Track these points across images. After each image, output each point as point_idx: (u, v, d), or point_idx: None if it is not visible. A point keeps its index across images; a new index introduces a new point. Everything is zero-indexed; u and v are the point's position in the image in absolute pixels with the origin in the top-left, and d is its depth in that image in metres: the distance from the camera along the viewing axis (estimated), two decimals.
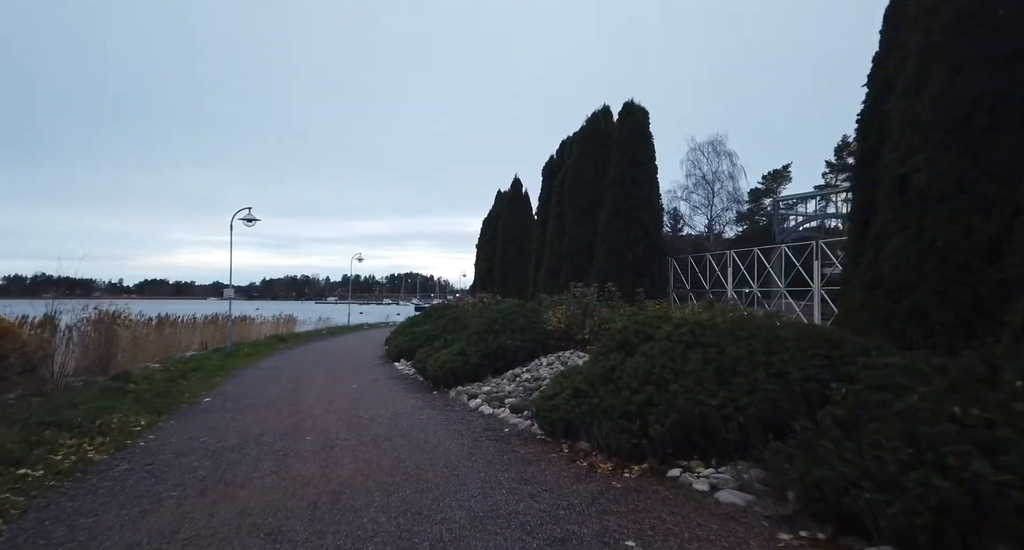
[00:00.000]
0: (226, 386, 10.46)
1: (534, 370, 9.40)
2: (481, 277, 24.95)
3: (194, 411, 7.91)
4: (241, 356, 16.19)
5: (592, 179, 14.04)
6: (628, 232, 12.78)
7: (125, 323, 14.48)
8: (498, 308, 10.95)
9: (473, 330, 10.76)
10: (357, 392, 9.70)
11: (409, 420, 7.19)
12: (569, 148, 14.98)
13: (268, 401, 8.79)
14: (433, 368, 10.12)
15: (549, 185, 16.04)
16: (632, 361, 5.78)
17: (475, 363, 9.74)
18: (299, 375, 12.12)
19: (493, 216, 25.39)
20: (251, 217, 17.51)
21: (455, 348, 10.41)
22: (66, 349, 11.03)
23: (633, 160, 13.00)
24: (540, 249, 15.70)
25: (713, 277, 12.89)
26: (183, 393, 9.38)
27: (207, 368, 13.12)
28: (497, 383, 9.19)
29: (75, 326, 13.42)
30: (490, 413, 7.59)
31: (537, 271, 15.80)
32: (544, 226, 15.58)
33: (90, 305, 14.26)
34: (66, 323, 13.36)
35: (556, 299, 11.74)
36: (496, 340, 10.03)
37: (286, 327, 30.80)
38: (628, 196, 12.91)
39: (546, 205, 15.86)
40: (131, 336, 17.97)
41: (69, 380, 10.64)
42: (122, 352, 17.48)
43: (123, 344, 15.35)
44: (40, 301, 12.88)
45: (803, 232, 24.71)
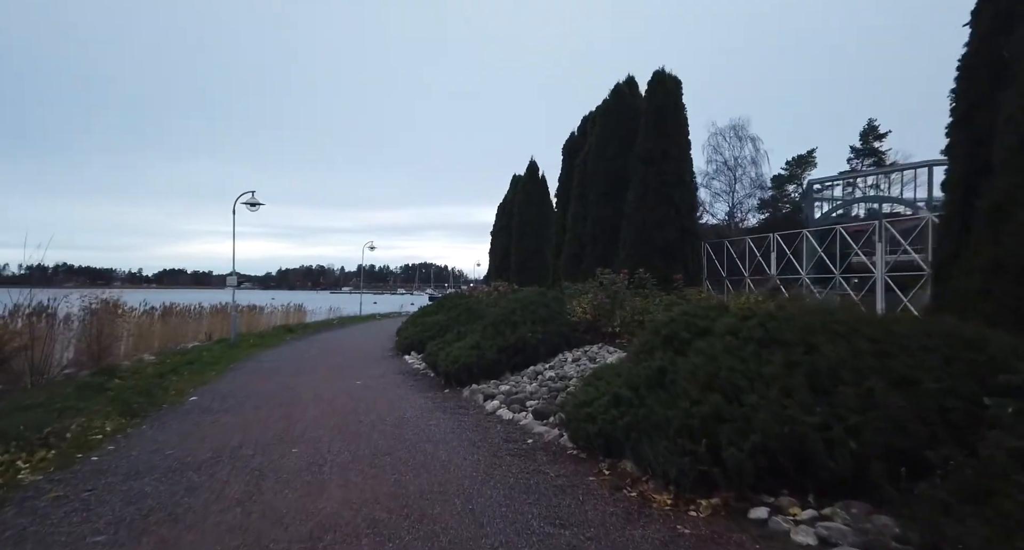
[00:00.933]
0: (219, 382, 9.55)
1: (558, 367, 8.32)
2: (496, 265, 23.86)
3: (173, 413, 6.98)
4: (244, 347, 15.36)
5: (617, 156, 12.82)
6: (658, 213, 11.57)
7: (119, 312, 13.66)
8: (516, 297, 9.88)
9: (489, 321, 9.70)
10: (360, 390, 8.72)
11: (416, 427, 6.17)
12: (591, 123, 13.74)
13: (260, 400, 7.84)
14: (445, 363, 9.09)
15: (570, 164, 14.81)
16: (687, 362, 4.66)
17: (491, 358, 8.69)
18: (300, 369, 11.19)
19: (508, 202, 24.22)
20: (254, 201, 16.59)
21: (469, 341, 9.37)
22: (45, 341, 10.18)
23: (664, 133, 11.75)
24: (560, 233, 14.54)
25: (753, 262, 11.66)
26: (168, 390, 8.48)
27: (205, 360, 12.26)
28: (517, 382, 8.13)
29: (70, 317, 12.69)
30: (510, 419, 6.54)
31: (557, 257, 14.66)
32: (565, 209, 14.40)
33: (97, 294, 13.51)
34: (63, 314, 12.66)
35: (580, 287, 10.63)
36: (515, 333, 8.96)
37: (296, 317, 30.08)
38: (658, 173, 11.68)
39: (567, 186, 14.66)
40: (134, 326, 17.33)
41: (55, 375, 9.84)
42: (124, 343, 16.88)
43: (120, 335, 14.61)
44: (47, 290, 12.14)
45: (836, 217, 23.22)
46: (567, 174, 14.85)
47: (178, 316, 21.70)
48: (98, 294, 12.91)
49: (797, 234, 10.69)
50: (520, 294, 9.97)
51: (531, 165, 21.92)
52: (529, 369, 8.63)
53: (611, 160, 12.80)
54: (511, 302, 9.82)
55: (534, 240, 21.10)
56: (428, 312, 18.37)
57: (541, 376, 8.08)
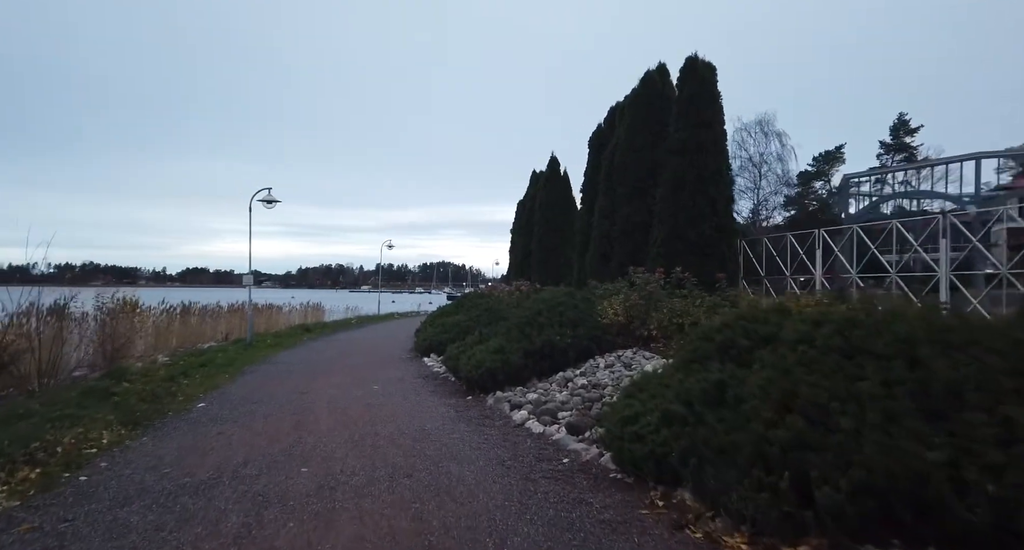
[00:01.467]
0: (231, 386, 9.12)
1: (589, 374, 7.69)
2: (517, 264, 23.26)
3: (177, 423, 6.51)
4: (260, 348, 15.01)
5: (648, 148, 12.11)
6: (692, 208, 10.85)
7: (136, 312, 13.36)
8: (542, 297, 9.26)
9: (513, 323, 9.10)
10: (378, 396, 8.20)
11: (438, 441, 5.60)
12: (620, 114, 13.04)
13: (271, 408, 7.36)
14: (467, 368, 8.53)
15: (596, 158, 14.12)
16: (753, 375, 4.01)
17: (517, 363, 8.10)
18: (316, 372, 10.73)
19: (529, 198, 23.60)
20: (270, 198, 16.23)
21: (492, 344, 8.79)
22: (53, 342, 9.85)
23: (698, 123, 11.02)
24: (586, 230, 13.88)
25: (796, 261, 10.87)
26: (176, 396, 8.05)
27: (218, 362, 11.89)
28: (545, 389, 7.52)
29: (86, 317, 12.41)
30: (540, 432, 5.94)
31: (582, 256, 14.00)
32: (591, 204, 13.74)
33: (109, 292, 13.24)
34: (79, 313, 12.39)
35: (611, 287, 9.99)
36: (541, 335, 8.35)
37: (314, 316, 29.87)
38: (692, 165, 10.95)
39: (593, 180, 13.98)
40: (151, 326, 17.12)
41: (64, 378, 9.50)
42: (142, 342, 16.65)
43: (135, 336, 14.35)
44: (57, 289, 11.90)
45: (870, 213, 22.12)
46: (593, 168, 14.17)
47: (196, 315, 21.55)
48: (110, 293, 12.57)
49: (844, 230, 9.91)
50: (546, 294, 9.35)
51: (552, 161, 21.28)
52: (558, 375, 8.01)
53: (641, 152, 12.10)
54: (537, 302, 9.21)
55: (555, 238, 20.47)
56: (447, 312, 17.87)
57: (572, 383, 7.46)
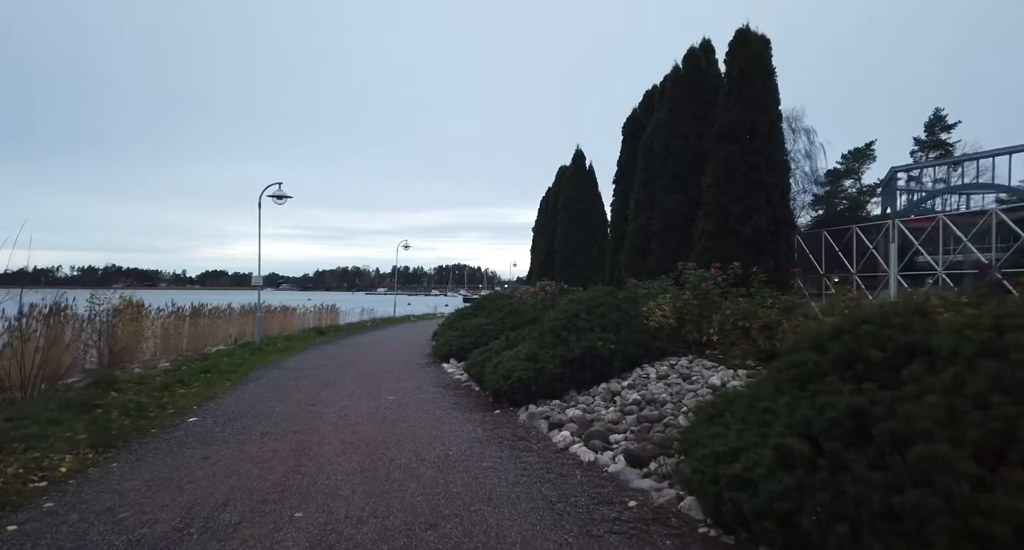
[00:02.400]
0: (230, 396, 8.16)
1: (640, 386, 6.57)
2: (540, 263, 22.16)
3: (160, 443, 5.53)
4: (269, 353, 14.12)
5: (691, 133, 10.95)
6: (745, 199, 9.67)
7: (140, 313, 12.54)
8: (579, 297, 8.16)
9: (547, 326, 8.01)
10: (393, 409, 7.18)
11: (466, 472, 4.54)
12: (659, 97, 11.89)
13: (271, 424, 6.37)
14: (494, 377, 7.46)
15: (631, 146, 12.98)
16: (915, 403, 2.87)
17: (553, 373, 7.01)
18: (326, 380, 9.76)
19: (552, 195, 22.50)
20: (281, 194, 15.36)
21: (523, 351, 7.71)
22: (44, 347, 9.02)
23: (750, 104, 9.84)
24: (620, 225, 12.72)
25: (864, 256, 9.63)
26: (167, 408, 7.10)
27: (222, 368, 10.98)
28: (588, 404, 6.42)
29: (92, 320, 11.64)
30: (591, 461, 4.84)
31: (615, 253, 12.85)
32: (625, 196, 12.60)
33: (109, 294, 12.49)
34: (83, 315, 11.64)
35: (656, 286, 8.86)
36: (581, 341, 7.25)
37: (329, 318, 29.10)
38: (744, 152, 9.78)
39: (628, 171, 12.84)
40: (160, 329, 16.51)
41: (53, 385, 8.65)
42: (150, 345, 15.99)
43: (136, 339, 13.57)
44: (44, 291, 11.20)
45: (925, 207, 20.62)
46: (628, 157, 13.01)
47: (208, 317, 20.87)
48: (109, 294, 11.75)
49: (930, 220, 8.66)
50: (584, 294, 8.25)
51: (577, 155, 20.16)
52: (600, 387, 6.91)
53: (684, 138, 10.94)
54: (573, 303, 8.11)
55: (581, 236, 19.36)
56: (467, 314, 16.87)
57: (620, 398, 6.34)
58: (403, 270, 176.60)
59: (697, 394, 5.64)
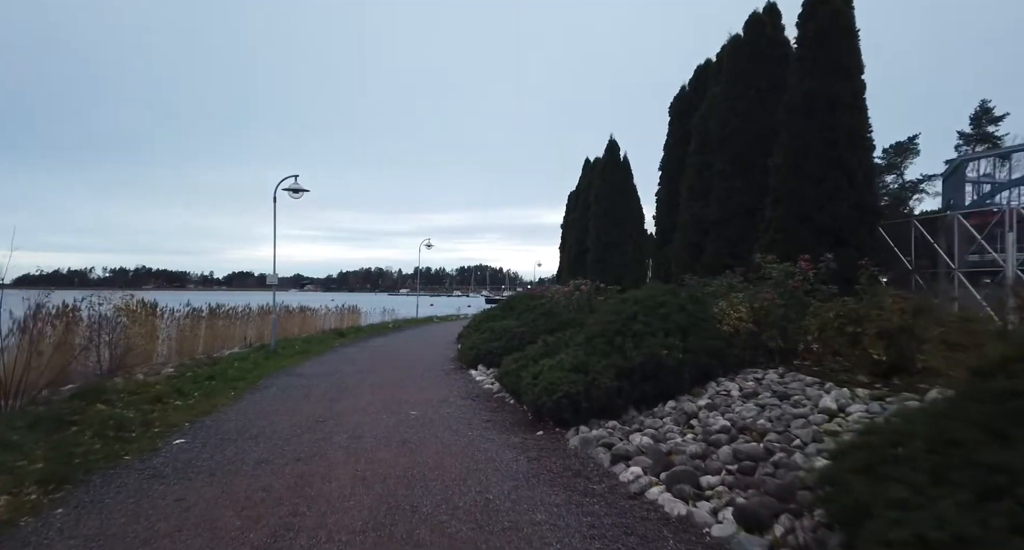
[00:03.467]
0: (231, 410, 7.13)
1: (721, 405, 5.29)
2: (570, 261, 20.88)
3: (126, 478, 4.47)
4: (284, 356, 13.15)
5: (755, 109, 9.58)
6: (823, 182, 8.30)
7: (141, 316, 11.69)
8: (633, 295, 6.90)
9: (595, 330, 6.77)
10: (416, 428, 6.03)
11: (516, 532, 3.35)
12: (714, 71, 10.54)
13: (270, 448, 5.28)
14: (534, 390, 6.24)
15: (680, 128, 11.63)
16: None
17: (607, 386, 5.78)
18: (342, 389, 8.69)
19: (583, 189, 21.21)
20: (297, 187, 14.42)
21: (567, 359, 6.48)
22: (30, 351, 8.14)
23: (830, 69, 8.44)
24: (667, 216, 11.40)
25: (972, 247, 8.17)
26: (153, 425, 6.08)
27: (229, 375, 10.00)
28: (657, 428, 5.16)
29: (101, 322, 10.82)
30: (682, 515, 3.59)
31: (662, 247, 11.52)
32: (673, 184, 11.28)
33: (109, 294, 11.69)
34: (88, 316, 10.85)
35: (722, 283, 7.56)
36: (641, 349, 6.00)
37: (350, 319, 28.29)
38: (822, 127, 8.40)
39: (676, 155, 11.50)
40: (176, 330, 15.90)
41: (38, 394, 7.75)
42: (164, 348, 15.37)
43: (151, 341, 12.77)
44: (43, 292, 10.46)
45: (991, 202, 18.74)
46: (676, 140, 11.66)
47: (225, 319, 20.18)
48: (110, 294, 10.90)
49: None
50: (641, 292, 6.98)
51: (610, 145, 18.84)
52: (668, 406, 5.65)
53: (745, 115, 9.58)
54: (626, 303, 6.85)
55: (615, 231, 18.05)
56: (494, 315, 15.72)
57: (699, 422, 5.06)
58: (425, 271, 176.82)
59: (809, 421, 4.35)
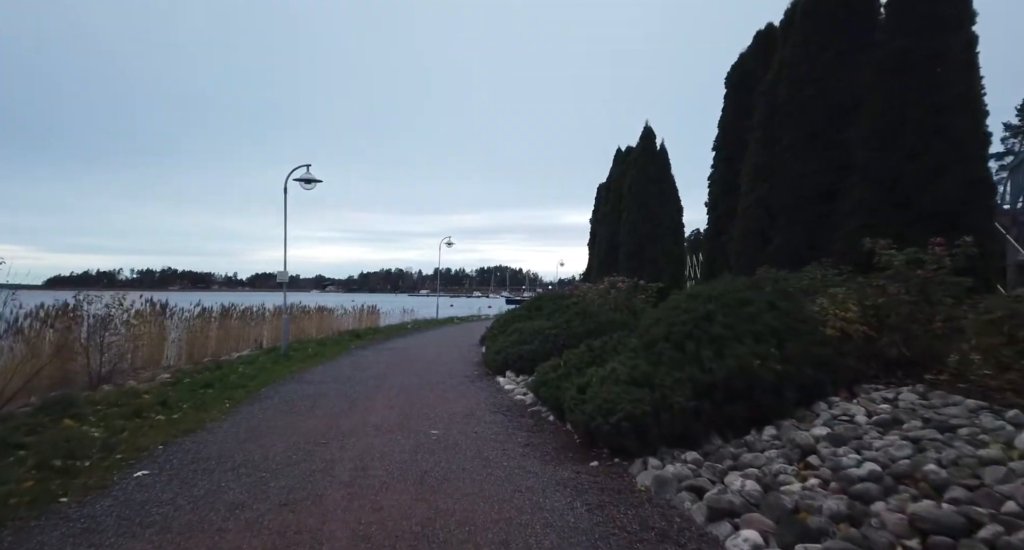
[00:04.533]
0: (219, 427, 6.00)
1: (848, 435, 3.94)
2: (600, 257, 19.52)
3: (45, 536, 3.32)
4: (295, 360, 12.09)
5: (832, 75, 8.16)
6: (924, 156, 6.88)
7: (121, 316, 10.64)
8: (707, 290, 5.58)
9: (657, 334, 5.47)
10: (437, 456, 4.82)
11: None
12: (782, 33, 9.07)
13: (249, 488, 4.11)
14: (585, 409, 4.97)
15: (738, 101, 10.18)
16: None
17: (682, 406, 4.48)
18: (352, 400, 7.54)
19: (614, 179, 19.84)
20: (309, 177, 13.37)
21: (623, 369, 5.19)
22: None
23: (931, 20, 7.02)
24: (722, 201, 10.00)
25: None
26: (116, 450, 4.96)
27: (230, 381, 8.94)
28: (760, 467, 3.84)
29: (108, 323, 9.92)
30: None
31: (716, 237, 10.12)
32: (729, 165, 9.89)
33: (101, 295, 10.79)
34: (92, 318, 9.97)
35: (811, 275, 6.20)
36: (724, 358, 4.69)
37: (369, 320, 27.33)
38: (922, 89, 6.98)
39: (734, 131, 10.09)
40: (185, 332, 15.16)
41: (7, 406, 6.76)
42: (174, 350, 14.67)
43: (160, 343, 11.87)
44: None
45: None
46: (735, 114, 10.19)
47: (239, 319, 19.36)
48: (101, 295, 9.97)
49: None
50: (717, 287, 5.65)
51: (645, 132, 17.46)
52: (766, 433, 4.33)
53: (820, 82, 8.16)
54: (695, 300, 5.53)
55: (650, 225, 16.68)
56: (520, 316, 14.45)
57: (819, 459, 3.72)
58: (445, 272, 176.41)
59: (1014, 471, 2.99)
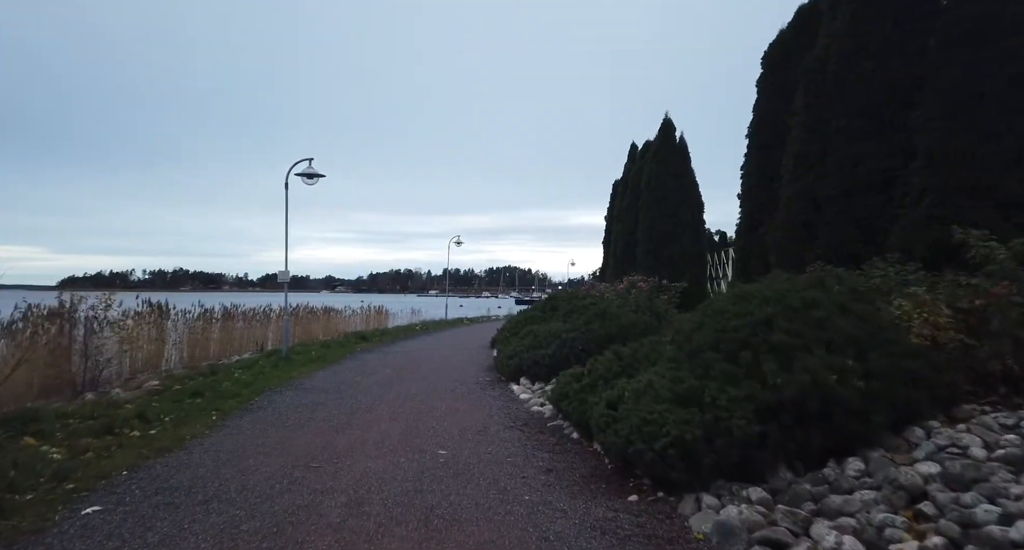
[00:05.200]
0: (198, 447, 5.27)
1: (966, 473, 3.12)
2: (616, 256, 18.66)
3: None
4: (296, 364, 11.39)
5: (891, 52, 7.28)
6: (1004, 136, 6.02)
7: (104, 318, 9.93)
8: (766, 291, 4.75)
9: (702, 340, 4.65)
10: (446, 484, 4.05)
11: None
12: (829, 5, 8.14)
13: (220, 531, 3.38)
14: (619, 430, 4.17)
15: (776, 82, 9.23)
16: None
17: (746, 433, 3.67)
18: (352, 412, 6.80)
19: (632, 175, 18.99)
20: (311, 172, 12.67)
21: (661, 382, 4.38)
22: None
23: None
24: (760, 192, 9.12)
25: None
26: (70, 478, 4.23)
27: (222, 389, 8.24)
28: (854, 514, 3.02)
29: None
30: None
31: (752, 231, 9.25)
32: (766, 154, 9.02)
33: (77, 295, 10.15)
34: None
35: (890, 273, 5.37)
36: (793, 371, 3.87)
37: (376, 321, 26.68)
38: (1003, 58, 6.12)
39: (772, 115, 9.19)
40: (187, 334, 14.64)
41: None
42: (175, 353, 14.14)
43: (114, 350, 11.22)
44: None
45: None
46: (773, 96, 9.21)
47: (243, 320, 18.76)
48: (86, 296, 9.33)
49: None
50: (768, 286, 4.82)
51: (664, 124, 16.60)
52: (852, 467, 3.51)
53: (879, 56, 7.26)
54: (748, 302, 4.70)
55: (670, 221, 15.85)
56: (533, 317, 13.67)
57: (934, 507, 2.90)
58: (454, 272, 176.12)
59: None
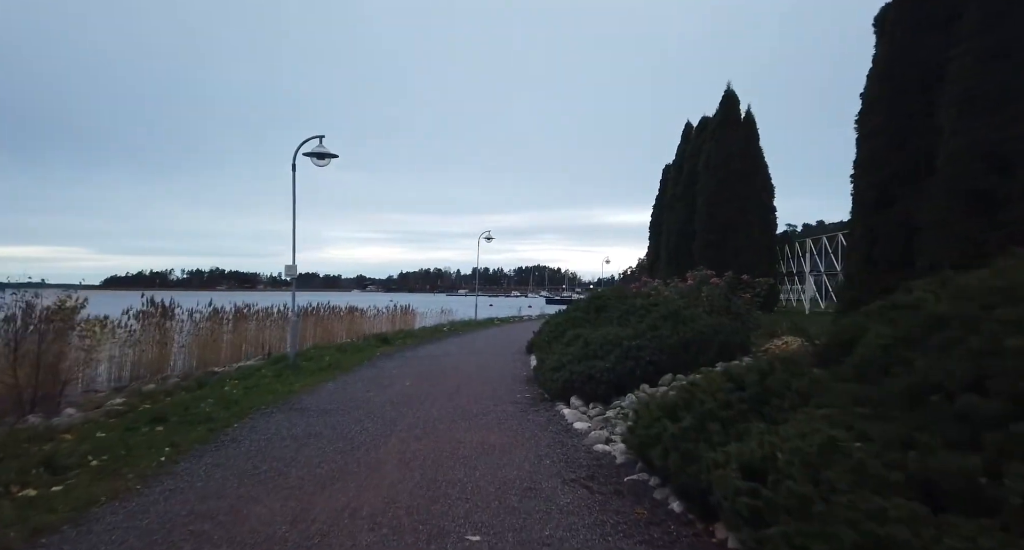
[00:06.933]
0: (109, 516, 3.59)
1: None
2: (668, 249, 16.56)
3: None
4: (303, 373, 9.78)
5: None
6: None
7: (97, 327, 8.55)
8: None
9: (932, 376, 2.70)
10: None
11: None
12: None
13: None
14: (789, 533, 2.27)
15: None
16: None
17: None
18: (351, 447, 5.06)
19: (688, 156, 16.82)
20: (322, 151, 11.06)
21: (850, 448, 2.46)
22: None
23: None
24: (891, 156, 6.91)
25: None
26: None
27: (197, 411, 6.63)
28: None
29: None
30: None
31: (884, 208, 7.02)
32: (891, 107, 6.85)
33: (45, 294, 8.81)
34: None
35: None
36: None
37: (403, 321, 25.14)
38: None
39: (911, 55, 6.98)
40: (192, 337, 13.73)
41: None
42: (181, 358, 13.23)
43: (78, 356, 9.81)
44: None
45: None
46: (913, 32, 6.98)
47: (258, 321, 17.45)
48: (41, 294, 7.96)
49: None
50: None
51: (726, 98, 14.39)
52: None
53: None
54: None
55: (734, 207, 13.68)
56: (575, 319, 11.83)
57: None
58: (483, 271, 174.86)
59: None
